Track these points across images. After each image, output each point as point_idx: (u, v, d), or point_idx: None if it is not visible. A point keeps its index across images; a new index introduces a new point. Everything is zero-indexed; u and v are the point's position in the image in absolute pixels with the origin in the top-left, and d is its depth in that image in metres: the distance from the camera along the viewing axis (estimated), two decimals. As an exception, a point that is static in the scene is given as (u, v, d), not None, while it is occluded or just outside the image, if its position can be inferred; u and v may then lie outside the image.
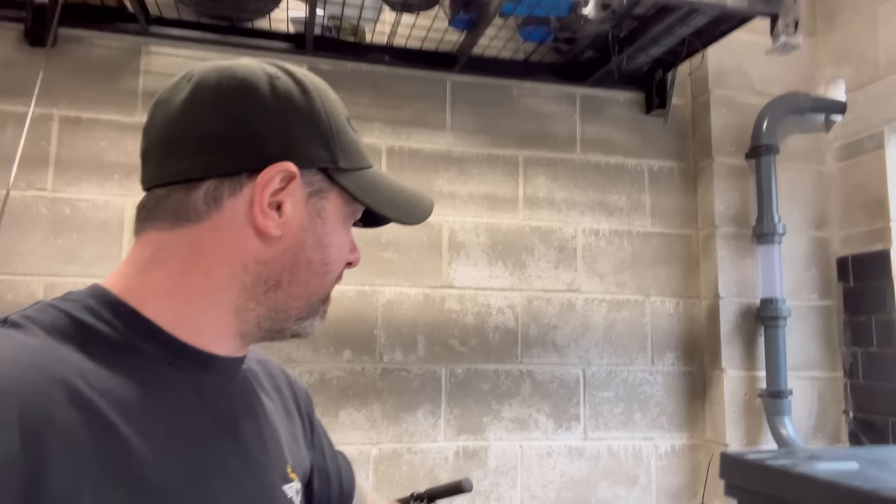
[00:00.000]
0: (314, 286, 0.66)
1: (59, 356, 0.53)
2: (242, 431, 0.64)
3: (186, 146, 0.61)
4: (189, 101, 0.62)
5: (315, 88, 0.66)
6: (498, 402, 2.09)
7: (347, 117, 0.69)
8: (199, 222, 0.61)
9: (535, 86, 2.24)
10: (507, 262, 2.14)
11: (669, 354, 2.25)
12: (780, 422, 2.07)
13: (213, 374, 0.63)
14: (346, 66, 2.11)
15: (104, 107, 1.93)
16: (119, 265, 0.64)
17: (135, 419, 0.53)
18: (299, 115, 0.63)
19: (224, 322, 0.63)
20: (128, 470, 0.51)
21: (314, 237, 0.64)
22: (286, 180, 0.62)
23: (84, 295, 0.60)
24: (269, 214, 0.61)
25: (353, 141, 0.68)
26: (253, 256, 0.62)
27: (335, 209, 0.66)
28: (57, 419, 0.48)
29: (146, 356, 0.58)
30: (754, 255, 2.23)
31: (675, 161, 2.33)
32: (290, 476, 0.70)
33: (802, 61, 2.34)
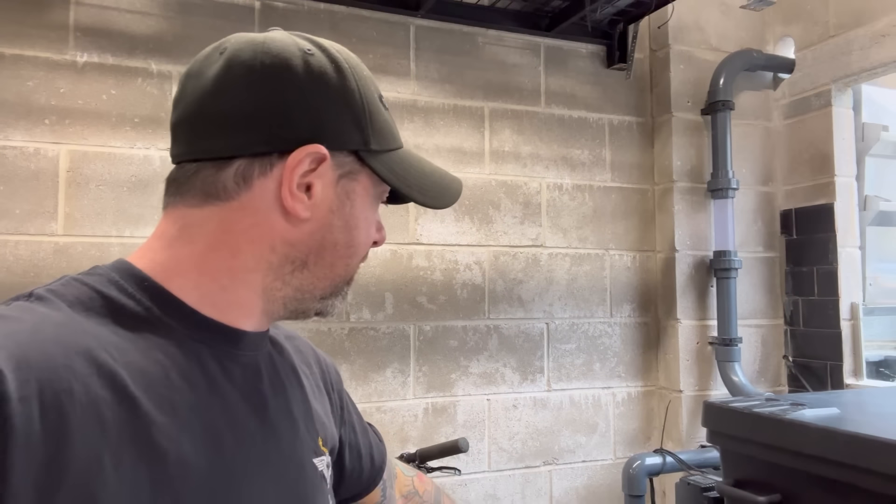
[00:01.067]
0: (339, 267, 0.65)
1: (82, 329, 0.52)
2: (269, 405, 0.64)
3: (218, 123, 0.60)
4: (221, 77, 0.60)
5: (349, 67, 0.63)
6: (466, 358, 2.08)
7: (380, 95, 0.67)
8: (228, 201, 0.60)
9: (501, 34, 2.17)
10: (475, 218, 2.10)
11: (626, 306, 2.30)
12: (730, 368, 2.18)
13: (238, 349, 0.62)
14: (302, 5, 1.96)
15: (31, 42, 1.70)
16: (147, 239, 0.63)
17: (158, 392, 0.53)
18: (332, 95, 0.61)
19: (250, 300, 0.62)
20: (150, 443, 0.51)
21: (342, 220, 0.63)
22: (317, 162, 0.60)
23: (109, 269, 0.59)
24: (298, 196, 0.60)
25: (385, 121, 0.66)
26: (281, 237, 0.61)
27: (365, 190, 0.65)
28: (78, 392, 0.48)
29: (171, 331, 0.57)
30: (707, 210, 2.30)
31: (633, 116, 2.35)
32: (321, 449, 0.70)
33: (753, 19, 2.39)
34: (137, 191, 1.77)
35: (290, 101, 0.60)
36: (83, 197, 1.73)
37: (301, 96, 0.60)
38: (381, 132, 0.64)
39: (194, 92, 0.61)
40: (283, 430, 0.64)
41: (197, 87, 0.61)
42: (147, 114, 1.79)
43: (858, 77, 2.13)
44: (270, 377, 0.66)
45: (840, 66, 2.15)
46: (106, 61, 1.77)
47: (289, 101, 0.59)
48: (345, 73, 0.62)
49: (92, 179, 1.74)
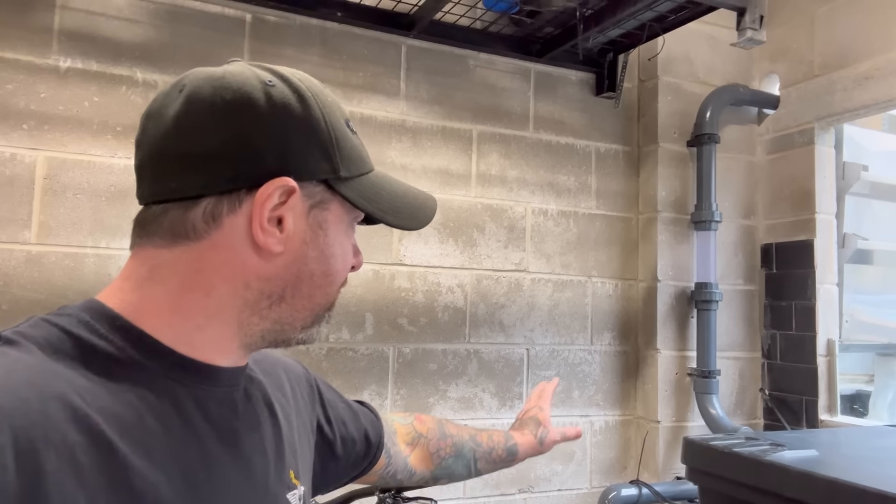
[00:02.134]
0: (318, 297, 0.65)
1: (55, 372, 0.51)
2: (244, 443, 0.63)
3: (182, 163, 0.59)
4: (182, 116, 0.59)
5: (313, 95, 0.63)
6: (445, 382, 2.05)
7: (346, 119, 0.67)
8: (199, 240, 0.59)
9: (492, 58, 2.17)
10: (459, 241, 2.09)
11: (607, 334, 2.30)
12: (707, 400, 2.18)
13: (213, 387, 0.61)
14: (294, 20, 1.94)
15: (12, 44, 1.66)
16: (113, 280, 0.62)
17: (133, 435, 0.52)
18: (297, 125, 0.61)
19: (227, 336, 0.62)
20: (127, 487, 0.50)
21: (317, 250, 0.63)
22: (286, 195, 0.60)
23: (78, 309, 0.58)
24: (269, 231, 0.60)
25: (353, 146, 0.66)
26: (255, 273, 0.61)
27: (337, 218, 0.64)
28: (53, 438, 0.47)
29: (144, 370, 0.56)
30: (690, 241, 2.31)
31: (620, 144, 2.36)
32: (293, 483, 0.69)
33: (741, 55, 2.42)
34: (116, 201, 1.73)
35: (254, 136, 0.59)
36: (59, 205, 1.69)
37: (265, 130, 0.59)
38: (349, 158, 0.64)
39: (156, 132, 0.60)
40: (257, 466, 0.64)
41: (158, 128, 0.60)
42: (130, 123, 1.75)
43: (841, 117, 2.16)
44: (244, 412, 0.65)
45: (823, 106, 2.19)
46: (90, 67, 1.73)
47: (253, 136, 0.59)
48: (308, 103, 0.61)
49: (69, 188, 1.70)
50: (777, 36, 2.36)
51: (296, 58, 1.92)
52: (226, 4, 1.87)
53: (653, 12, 1.95)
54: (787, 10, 2.34)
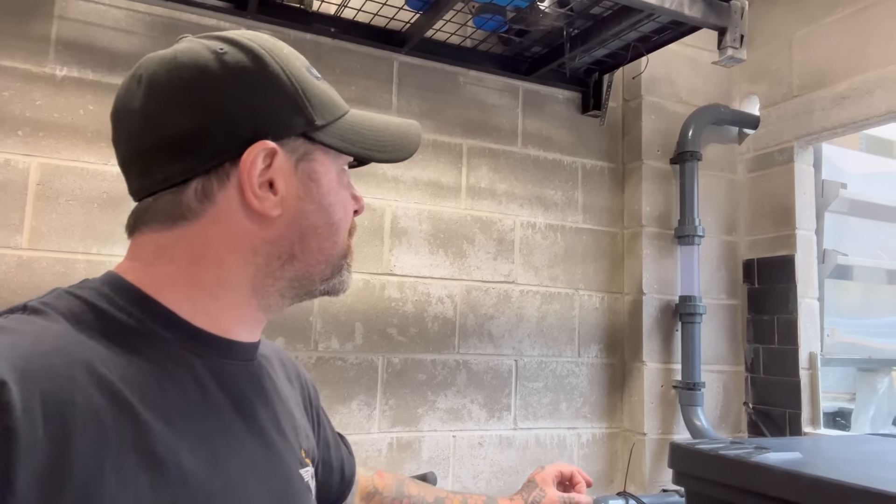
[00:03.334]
0: (328, 248, 0.65)
1: (79, 341, 0.53)
2: (259, 415, 0.64)
3: (161, 152, 0.59)
4: (147, 106, 0.60)
5: (266, 51, 0.62)
6: (434, 393, 2.06)
7: (308, 67, 0.66)
8: (196, 219, 0.60)
9: (481, 75, 2.22)
10: (449, 251, 2.12)
11: (594, 347, 2.32)
12: (693, 412, 2.20)
13: (229, 359, 0.63)
14: (288, 34, 1.98)
15: (10, 53, 1.68)
16: (122, 260, 0.63)
17: (154, 403, 0.54)
18: (259, 86, 0.60)
19: (242, 302, 0.63)
20: (149, 451, 0.52)
21: (313, 203, 0.64)
22: (269, 157, 0.60)
23: (99, 283, 0.59)
24: (262, 196, 0.61)
25: (322, 92, 0.65)
26: (260, 238, 0.62)
27: (325, 167, 0.65)
28: (79, 402, 0.49)
29: (163, 342, 0.58)
30: (674, 255, 2.36)
31: (605, 161, 2.41)
32: (305, 461, 0.71)
33: (721, 76, 2.50)
34: (108, 208, 1.74)
35: (221, 107, 0.59)
36: (52, 211, 1.69)
37: (229, 98, 0.60)
38: (321, 105, 0.64)
39: (129, 129, 0.61)
40: (272, 440, 0.65)
41: (129, 124, 0.61)
42: (124, 131, 1.76)
43: (819, 136, 2.23)
44: (260, 388, 0.67)
45: (802, 125, 2.26)
46: (86, 76, 1.76)
47: (219, 108, 0.59)
48: (264, 60, 0.61)
49: (62, 194, 1.71)
50: (757, 58, 2.44)
51: (290, 71, 1.96)
52: (221, 18, 1.90)
53: (637, 32, 2.02)
54: (766, 33, 2.42)
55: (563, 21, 1.99)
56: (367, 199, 2.01)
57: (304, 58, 0.67)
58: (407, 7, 1.95)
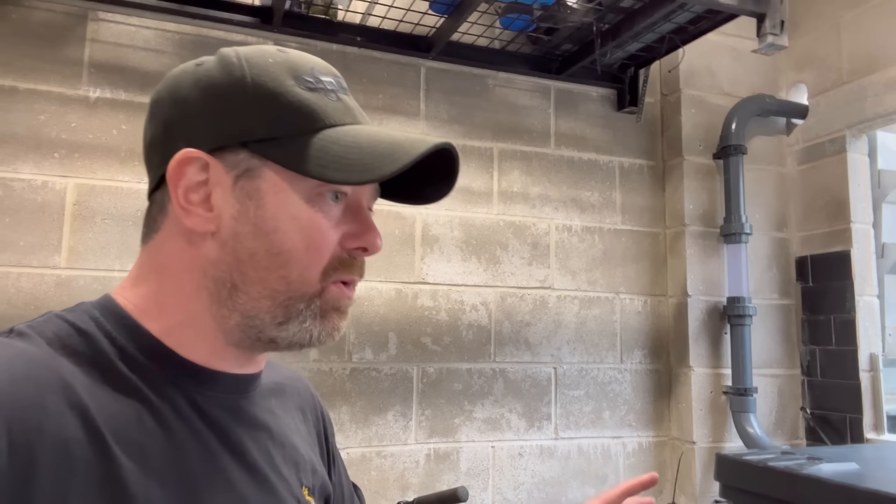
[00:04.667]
0: (273, 282, 0.56)
1: (58, 366, 0.51)
2: (249, 450, 0.61)
3: (145, 159, 0.62)
4: (145, 119, 0.63)
5: (241, 57, 0.58)
6: (470, 403, 2.02)
7: (305, 77, 0.58)
8: (159, 232, 0.60)
9: (511, 77, 2.18)
10: (482, 258, 2.07)
11: (637, 352, 2.24)
12: (745, 419, 2.10)
13: (216, 392, 0.60)
14: (315, 46, 1.98)
15: (45, 77, 1.73)
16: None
17: (129, 435, 0.51)
18: (206, 93, 0.57)
19: (209, 333, 0.59)
20: (118, 487, 0.49)
21: (248, 225, 0.56)
22: (203, 169, 0.56)
23: (92, 306, 0.58)
24: (190, 210, 0.57)
25: (295, 102, 0.57)
26: (205, 259, 0.58)
27: (276, 187, 0.56)
28: (48, 430, 0.47)
29: (147, 371, 0.56)
30: (720, 255, 2.25)
31: (644, 159, 2.33)
32: (305, 499, 0.66)
33: (766, 65, 2.39)
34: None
35: (171, 117, 0.59)
36: (88, 230, 1.73)
37: (179, 108, 0.58)
38: (283, 116, 0.56)
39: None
40: (264, 476, 0.61)
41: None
42: (156, 149, 1.79)
43: (873, 123, 2.10)
44: (252, 421, 0.63)
45: (854, 112, 2.13)
46: (118, 97, 1.79)
47: (170, 118, 0.59)
48: (230, 67, 0.57)
49: (98, 213, 1.74)
50: (803, 45, 2.32)
51: (316, 82, 1.95)
52: (249, 33, 1.91)
53: (671, 24, 1.94)
54: (811, 18, 2.30)
55: (592, 16, 1.93)
56: (398, 208, 1.99)
57: (309, 68, 0.60)
58: (431, 11, 1.93)
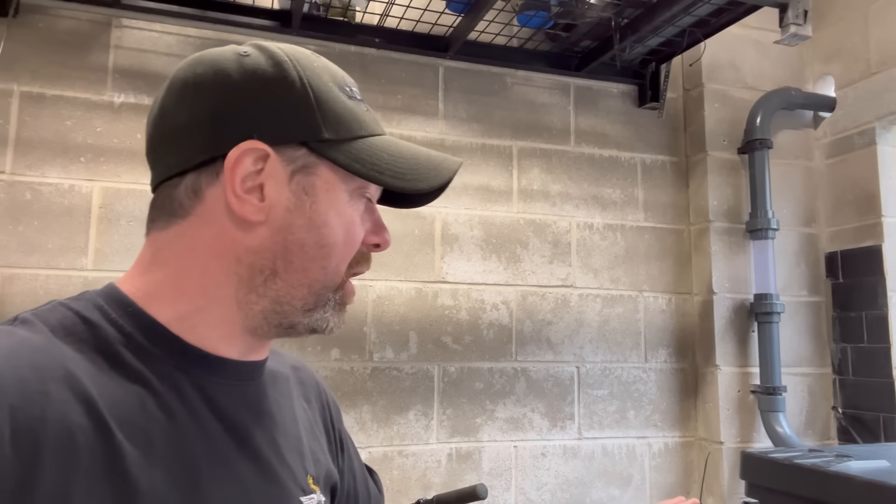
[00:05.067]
0: (314, 272, 0.60)
1: (62, 354, 0.51)
2: (254, 439, 0.61)
3: (165, 142, 0.60)
4: (164, 97, 0.61)
5: (290, 58, 0.60)
6: (492, 402, 2.01)
7: (345, 85, 0.63)
8: (187, 217, 0.59)
9: (530, 74, 2.17)
10: (502, 257, 2.06)
11: (662, 351, 2.21)
12: (774, 419, 2.05)
13: (222, 378, 0.60)
14: (334, 48, 2.00)
15: (70, 83, 1.77)
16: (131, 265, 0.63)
17: (133, 423, 0.52)
18: (269, 89, 0.59)
19: (228, 318, 0.60)
20: (122, 473, 0.49)
21: (303, 218, 0.59)
22: (261, 160, 0.58)
23: (96, 294, 0.58)
24: (245, 199, 0.58)
25: (344, 109, 0.61)
26: (243, 246, 0.59)
27: (329, 184, 0.60)
28: (51, 418, 0.47)
29: (152, 358, 0.56)
30: (747, 251, 2.21)
31: (667, 155, 2.30)
32: (311, 487, 0.66)
33: (791, 57, 2.34)
34: (166, 227, 1.80)
35: (223, 104, 0.58)
36: (114, 232, 1.76)
37: (233, 97, 0.58)
38: (337, 120, 0.60)
39: (148, 123, 0.62)
40: (268, 464, 0.61)
41: (150, 115, 0.62)
42: (178, 152, 1.82)
43: (904, 114, 2.05)
44: (258, 409, 0.63)
45: (884, 104, 2.07)
46: (142, 102, 1.82)
47: (221, 104, 0.58)
48: (283, 66, 0.59)
49: (123, 215, 1.78)
50: (829, 36, 2.27)
51: (335, 83, 1.97)
52: (268, 36, 1.92)
53: (692, 17, 1.91)
54: (837, 9, 2.25)
55: (610, 11, 1.91)
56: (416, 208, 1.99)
57: (342, 76, 0.64)
58: (448, 11, 1.93)
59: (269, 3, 1.91)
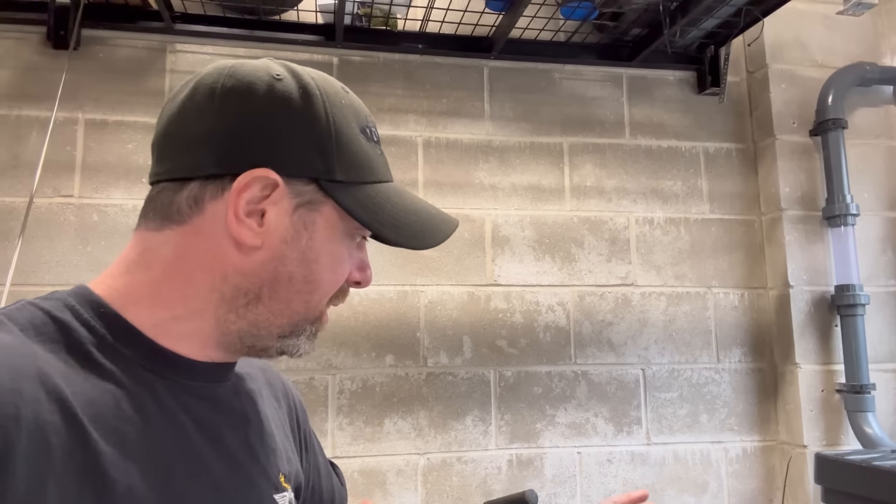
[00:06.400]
0: (297, 304, 0.61)
1: (33, 353, 0.51)
2: (227, 437, 0.62)
3: (177, 144, 0.60)
4: (186, 99, 0.60)
5: (321, 91, 0.60)
6: (552, 407, 1.95)
7: (366, 127, 0.63)
8: (182, 224, 0.59)
9: (578, 68, 2.11)
10: (556, 257, 2.01)
11: (736, 350, 2.08)
12: (863, 419, 1.88)
13: (194, 381, 0.60)
14: (378, 57, 2.01)
15: (131, 108, 1.86)
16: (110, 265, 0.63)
17: (107, 422, 0.52)
18: (293, 120, 0.59)
19: (204, 332, 0.60)
20: (97, 472, 0.49)
21: (297, 251, 0.59)
22: (269, 188, 0.58)
23: (66, 294, 0.58)
24: (245, 222, 0.58)
25: (361, 152, 0.61)
26: (233, 266, 0.59)
27: (329, 223, 0.61)
28: (24, 417, 0.47)
29: (124, 359, 0.56)
30: (825, 240, 2.05)
31: (732, 142, 2.17)
32: (282, 485, 0.67)
33: (865, 30, 2.17)
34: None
35: (245, 124, 0.58)
36: (174, 248, 1.83)
37: (257, 120, 0.58)
38: (350, 162, 0.60)
39: (165, 115, 0.62)
40: (241, 463, 0.62)
41: (166, 111, 0.62)
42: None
43: None
44: (229, 409, 0.64)
45: (975, 70, 1.88)
46: (196, 122, 1.89)
47: (243, 124, 0.58)
48: (312, 99, 0.59)
49: (182, 232, 1.84)
50: (908, 2, 2.09)
51: (380, 92, 1.98)
52: (314, 51, 1.98)
53: (746, -6, 1.80)
54: (916, -29, 2.07)
55: (656, -4, 1.83)
56: (466, 210, 1.97)
57: (365, 116, 0.64)
58: (488, 10, 1.91)
59: (314, 18, 1.94)
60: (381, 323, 1.88)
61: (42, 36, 1.81)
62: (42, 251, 1.74)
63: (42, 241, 1.74)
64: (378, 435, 1.83)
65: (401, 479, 1.83)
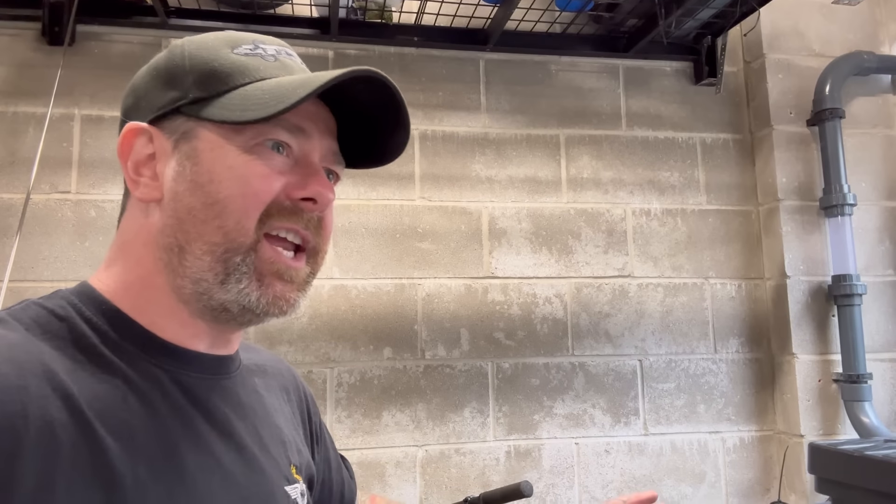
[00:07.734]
0: (211, 234, 0.57)
1: (39, 351, 0.52)
2: (237, 430, 0.61)
3: None
4: None
5: (187, 40, 0.62)
6: (550, 398, 1.95)
7: (242, 44, 0.61)
8: (125, 211, 0.62)
9: (575, 60, 2.11)
10: (553, 249, 2.01)
11: (733, 341, 2.08)
12: (859, 409, 1.89)
13: (198, 373, 0.60)
14: (373, 50, 2.01)
15: (126, 104, 1.86)
16: None
17: (114, 416, 0.52)
18: (151, 74, 0.62)
19: (172, 306, 0.59)
20: (105, 467, 0.49)
21: (185, 182, 0.58)
22: (150, 141, 0.59)
23: (70, 292, 0.59)
24: (139, 181, 0.59)
25: (224, 66, 0.59)
26: (155, 229, 0.59)
27: (214, 143, 0.58)
28: (32, 413, 0.47)
29: (128, 354, 0.56)
30: (822, 230, 2.05)
31: (729, 133, 2.17)
32: (294, 477, 0.67)
33: (863, 19, 2.16)
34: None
35: (126, 104, 0.64)
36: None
37: (132, 94, 0.63)
38: (210, 77, 0.58)
39: None
40: (252, 455, 0.62)
41: None
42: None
43: None
44: (237, 401, 0.64)
45: (972, 58, 1.88)
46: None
47: (126, 105, 0.64)
48: (173, 50, 0.62)
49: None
50: (906, -10, 2.08)
51: (376, 85, 1.98)
52: (309, 45, 1.97)
53: (742, -17, 1.80)
54: (913, -41, 2.06)
55: (652, -14, 1.82)
56: (463, 203, 1.97)
57: (250, 38, 0.62)
58: (484, 2, 1.90)
59: (308, 11, 1.94)
60: (379, 316, 1.89)
61: (37, 32, 1.81)
62: (40, 247, 1.75)
63: (40, 237, 1.75)
64: (376, 427, 1.84)
65: (399, 472, 1.84)
